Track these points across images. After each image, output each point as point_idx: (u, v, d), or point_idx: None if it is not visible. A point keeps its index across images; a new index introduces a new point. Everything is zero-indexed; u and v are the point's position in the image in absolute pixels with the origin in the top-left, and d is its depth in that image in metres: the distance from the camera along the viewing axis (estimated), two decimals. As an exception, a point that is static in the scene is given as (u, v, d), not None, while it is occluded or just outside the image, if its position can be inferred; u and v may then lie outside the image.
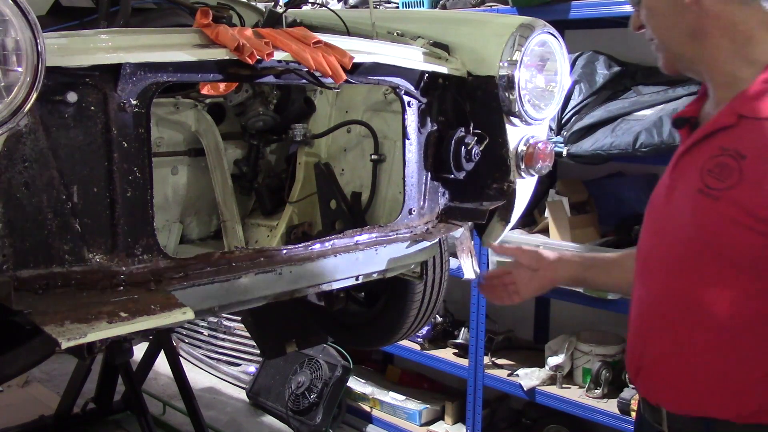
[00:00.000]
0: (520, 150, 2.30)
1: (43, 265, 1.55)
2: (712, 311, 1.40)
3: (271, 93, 2.58)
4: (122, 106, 1.60)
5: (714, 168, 1.38)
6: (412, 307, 2.70)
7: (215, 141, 2.57)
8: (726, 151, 1.37)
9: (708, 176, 1.39)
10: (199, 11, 1.75)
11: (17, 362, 1.89)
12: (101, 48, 1.57)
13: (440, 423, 4.04)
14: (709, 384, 1.41)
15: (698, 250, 1.41)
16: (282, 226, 2.60)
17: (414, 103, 2.22)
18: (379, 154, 2.44)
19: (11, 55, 1.36)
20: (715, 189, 1.37)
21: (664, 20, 1.47)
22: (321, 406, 4.00)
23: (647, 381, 1.54)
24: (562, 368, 3.41)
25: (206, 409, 4.04)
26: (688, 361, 1.44)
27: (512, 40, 2.22)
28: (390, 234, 2.21)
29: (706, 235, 1.39)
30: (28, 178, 1.51)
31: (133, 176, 1.64)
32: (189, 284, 1.73)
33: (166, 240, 2.59)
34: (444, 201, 2.39)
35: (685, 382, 1.45)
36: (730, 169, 1.35)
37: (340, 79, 1.87)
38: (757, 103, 1.37)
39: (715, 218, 1.37)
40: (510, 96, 2.22)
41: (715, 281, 1.39)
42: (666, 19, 1.46)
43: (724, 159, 1.36)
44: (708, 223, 1.38)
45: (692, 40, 1.45)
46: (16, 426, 3.65)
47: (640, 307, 1.57)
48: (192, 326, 4.92)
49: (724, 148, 1.37)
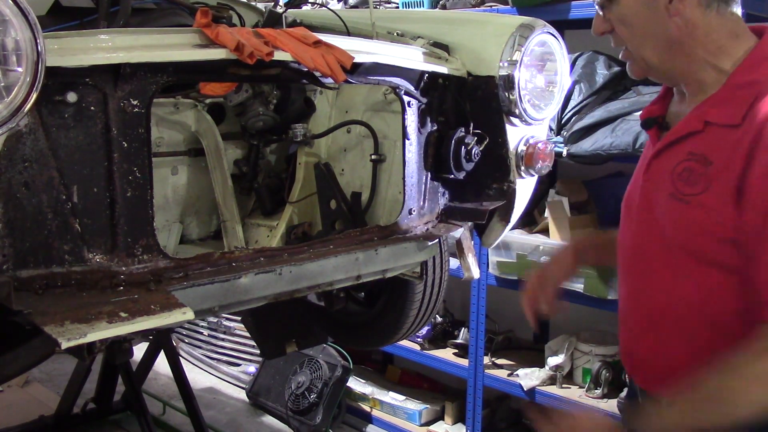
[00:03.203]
0: (520, 150, 2.30)
1: (43, 265, 1.55)
2: (689, 307, 1.45)
3: (271, 93, 2.58)
4: (122, 106, 1.60)
5: (683, 172, 1.43)
6: (412, 307, 2.70)
7: (215, 141, 2.57)
8: (694, 156, 1.41)
9: (678, 181, 1.43)
10: (199, 11, 1.75)
11: (17, 362, 1.88)
12: (101, 48, 1.57)
13: (440, 423, 4.04)
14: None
15: (674, 251, 1.46)
16: (282, 226, 2.60)
17: (414, 103, 2.22)
18: (379, 154, 2.44)
19: (11, 55, 1.37)
20: (686, 194, 1.42)
21: (642, 29, 1.48)
22: (321, 406, 4.00)
23: (642, 374, 1.61)
24: (562, 368, 3.40)
25: (206, 409, 4.04)
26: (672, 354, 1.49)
27: (512, 40, 2.23)
28: (390, 234, 2.21)
29: (679, 237, 1.44)
30: (28, 178, 1.51)
31: (133, 176, 1.64)
32: (189, 284, 1.73)
33: (166, 240, 2.59)
34: (444, 201, 2.39)
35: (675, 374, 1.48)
36: (698, 175, 1.39)
37: (339, 79, 1.87)
38: (722, 109, 1.42)
39: (687, 222, 1.42)
40: (510, 96, 2.23)
41: (690, 279, 1.44)
42: (644, 28, 1.47)
43: (693, 164, 1.40)
44: (681, 226, 1.44)
45: (667, 50, 1.47)
46: (16, 426, 3.65)
47: (624, 304, 1.63)
48: (192, 326, 4.92)
49: (693, 153, 1.42)
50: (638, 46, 1.50)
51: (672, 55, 1.47)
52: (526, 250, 3.32)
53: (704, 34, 1.45)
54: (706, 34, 1.45)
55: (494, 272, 3.48)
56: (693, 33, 1.44)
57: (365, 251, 2.11)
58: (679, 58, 1.48)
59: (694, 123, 1.46)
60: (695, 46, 1.45)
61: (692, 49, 1.46)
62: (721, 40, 1.46)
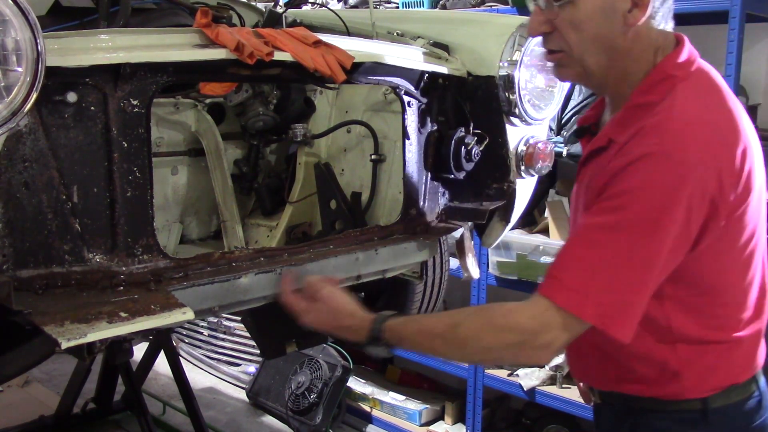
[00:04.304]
0: (520, 150, 2.30)
1: (43, 265, 1.55)
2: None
3: (271, 93, 2.58)
4: (122, 106, 1.60)
5: (592, 185, 1.44)
6: (412, 307, 2.70)
7: (215, 141, 2.57)
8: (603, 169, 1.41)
9: (589, 192, 1.46)
10: (199, 11, 1.75)
11: (17, 362, 1.88)
12: (101, 48, 1.57)
13: (440, 423, 4.05)
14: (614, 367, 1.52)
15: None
16: (282, 226, 2.60)
17: (414, 103, 2.22)
18: (379, 154, 2.44)
19: (11, 55, 1.37)
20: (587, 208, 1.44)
21: (592, 36, 1.42)
22: (321, 406, 4.00)
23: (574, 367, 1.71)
24: (561, 368, 3.40)
25: (206, 409, 4.03)
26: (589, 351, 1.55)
27: (512, 40, 2.23)
28: (390, 234, 2.21)
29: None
30: (28, 178, 1.51)
31: (133, 176, 1.64)
32: (189, 284, 1.73)
33: (166, 240, 2.58)
34: (444, 201, 2.39)
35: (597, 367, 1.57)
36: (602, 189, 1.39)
37: (339, 79, 1.87)
38: (617, 128, 1.43)
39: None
40: (510, 96, 2.23)
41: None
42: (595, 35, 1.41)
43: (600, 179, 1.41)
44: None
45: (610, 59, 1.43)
46: (16, 426, 3.65)
47: None
48: (192, 326, 4.92)
49: (602, 166, 1.43)
50: (583, 52, 1.44)
51: (611, 64, 1.44)
52: (526, 250, 3.32)
53: (641, 50, 1.43)
54: (643, 49, 1.44)
55: (494, 272, 3.48)
56: (635, 46, 1.43)
57: (365, 251, 2.11)
58: (615, 70, 1.45)
59: (602, 138, 1.46)
60: (631, 60, 1.44)
61: (629, 62, 1.44)
62: (651, 56, 1.44)
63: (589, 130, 1.62)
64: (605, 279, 1.34)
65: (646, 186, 1.31)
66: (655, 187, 1.31)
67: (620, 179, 1.34)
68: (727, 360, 1.47)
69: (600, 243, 1.35)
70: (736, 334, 1.46)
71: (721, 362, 1.46)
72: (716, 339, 1.45)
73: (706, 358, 1.45)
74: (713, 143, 1.34)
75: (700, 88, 1.42)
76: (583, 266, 1.36)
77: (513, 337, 1.40)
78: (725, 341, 1.46)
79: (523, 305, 1.41)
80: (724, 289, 1.45)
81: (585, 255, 1.37)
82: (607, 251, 1.34)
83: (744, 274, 1.46)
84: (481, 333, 1.44)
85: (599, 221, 1.36)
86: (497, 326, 1.42)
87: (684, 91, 1.39)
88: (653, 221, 1.31)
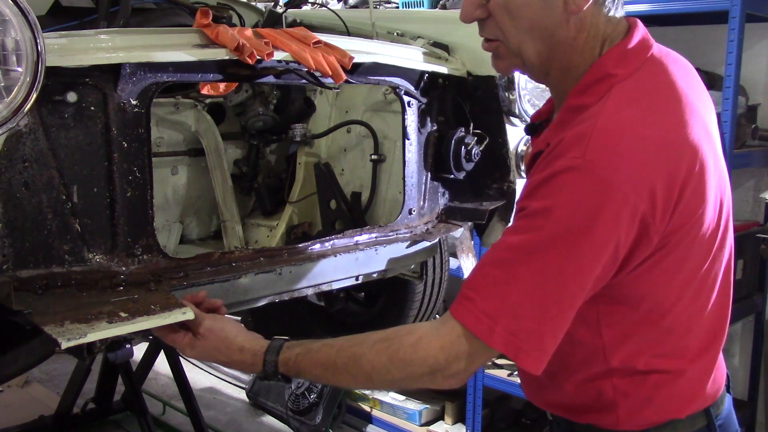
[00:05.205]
0: (520, 150, 2.31)
1: (43, 265, 1.55)
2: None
3: (271, 93, 2.58)
4: (122, 106, 1.60)
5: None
6: (412, 307, 2.70)
7: (215, 141, 2.57)
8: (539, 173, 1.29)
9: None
10: (199, 11, 1.75)
11: (17, 362, 1.88)
12: (101, 48, 1.57)
13: (440, 423, 4.04)
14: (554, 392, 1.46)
15: None
16: (282, 226, 2.60)
17: (414, 103, 2.22)
18: (379, 154, 2.45)
19: (11, 55, 1.37)
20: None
21: (530, 23, 1.29)
22: (321, 406, 3.99)
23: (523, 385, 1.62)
24: (562, 368, 3.40)
25: (206, 409, 4.03)
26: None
27: (512, 40, 2.22)
28: (390, 234, 2.21)
29: None
30: (28, 178, 1.51)
31: (133, 176, 1.64)
32: (189, 284, 1.74)
33: (166, 240, 2.59)
34: (444, 201, 2.39)
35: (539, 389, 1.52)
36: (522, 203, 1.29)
37: (340, 79, 1.87)
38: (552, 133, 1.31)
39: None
40: (510, 96, 2.23)
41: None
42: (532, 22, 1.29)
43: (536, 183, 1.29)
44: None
45: (550, 49, 1.30)
46: (16, 426, 3.65)
47: None
48: (192, 326, 4.91)
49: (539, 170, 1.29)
50: (520, 41, 1.30)
51: (553, 56, 1.30)
52: (526, 250, 3.31)
53: (585, 40, 1.29)
54: (587, 39, 1.29)
55: (494, 272, 3.47)
56: (579, 36, 1.28)
57: (365, 251, 2.12)
58: (557, 62, 1.31)
59: (541, 142, 1.33)
60: (575, 52, 1.29)
61: (572, 54, 1.30)
62: (597, 47, 1.30)
63: (541, 126, 1.46)
64: (516, 305, 1.22)
65: (565, 205, 1.18)
66: (575, 206, 1.18)
67: (539, 195, 1.22)
68: (667, 392, 1.34)
69: (514, 264, 1.23)
70: (680, 363, 1.34)
71: (660, 395, 1.33)
72: (656, 368, 1.33)
73: (642, 390, 1.33)
74: (646, 158, 1.18)
75: (642, 90, 1.25)
76: (497, 290, 1.24)
77: (423, 369, 1.31)
78: (666, 371, 1.33)
79: (432, 333, 1.31)
80: (668, 313, 1.30)
81: (499, 276, 1.24)
82: (520, 274, 1.22)
83: (694, 299, 1.32)
84: (389, 366, 1.33)
85: (515, 241, 1.24)
86: (405, 360, 1.31)
87: (621, 94, 1.24)
88: (571, 244, 1.19)
